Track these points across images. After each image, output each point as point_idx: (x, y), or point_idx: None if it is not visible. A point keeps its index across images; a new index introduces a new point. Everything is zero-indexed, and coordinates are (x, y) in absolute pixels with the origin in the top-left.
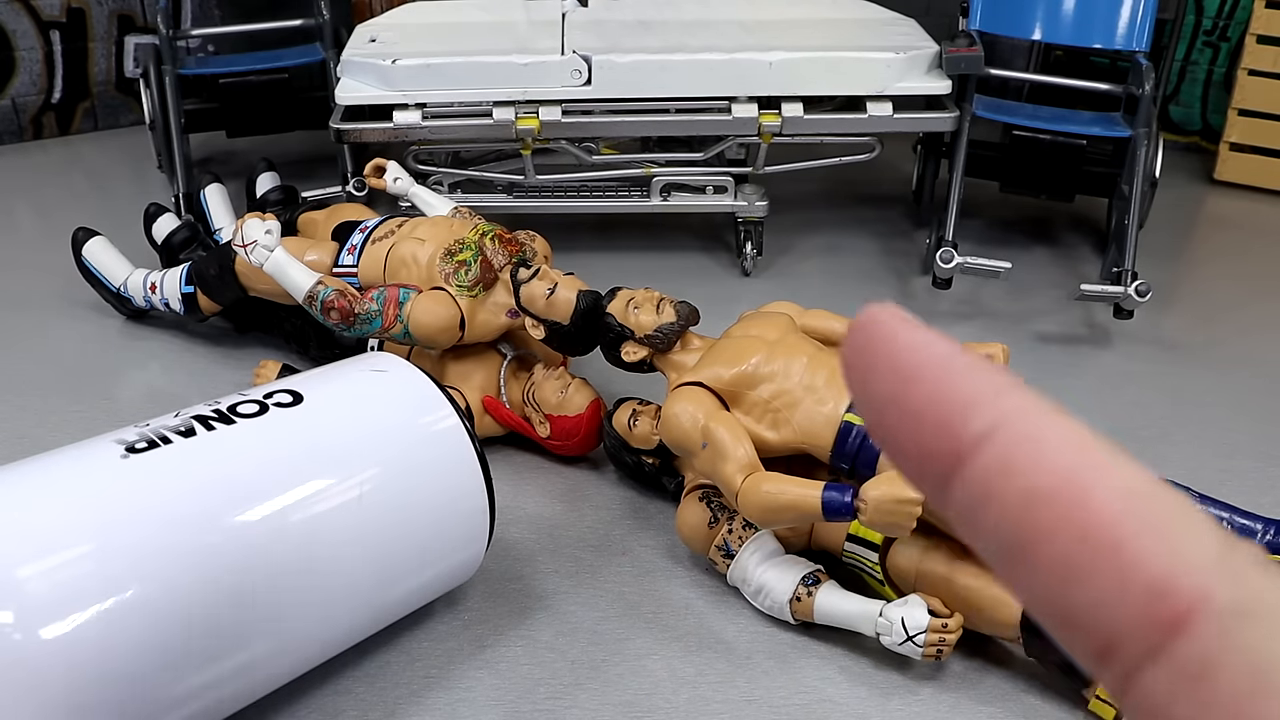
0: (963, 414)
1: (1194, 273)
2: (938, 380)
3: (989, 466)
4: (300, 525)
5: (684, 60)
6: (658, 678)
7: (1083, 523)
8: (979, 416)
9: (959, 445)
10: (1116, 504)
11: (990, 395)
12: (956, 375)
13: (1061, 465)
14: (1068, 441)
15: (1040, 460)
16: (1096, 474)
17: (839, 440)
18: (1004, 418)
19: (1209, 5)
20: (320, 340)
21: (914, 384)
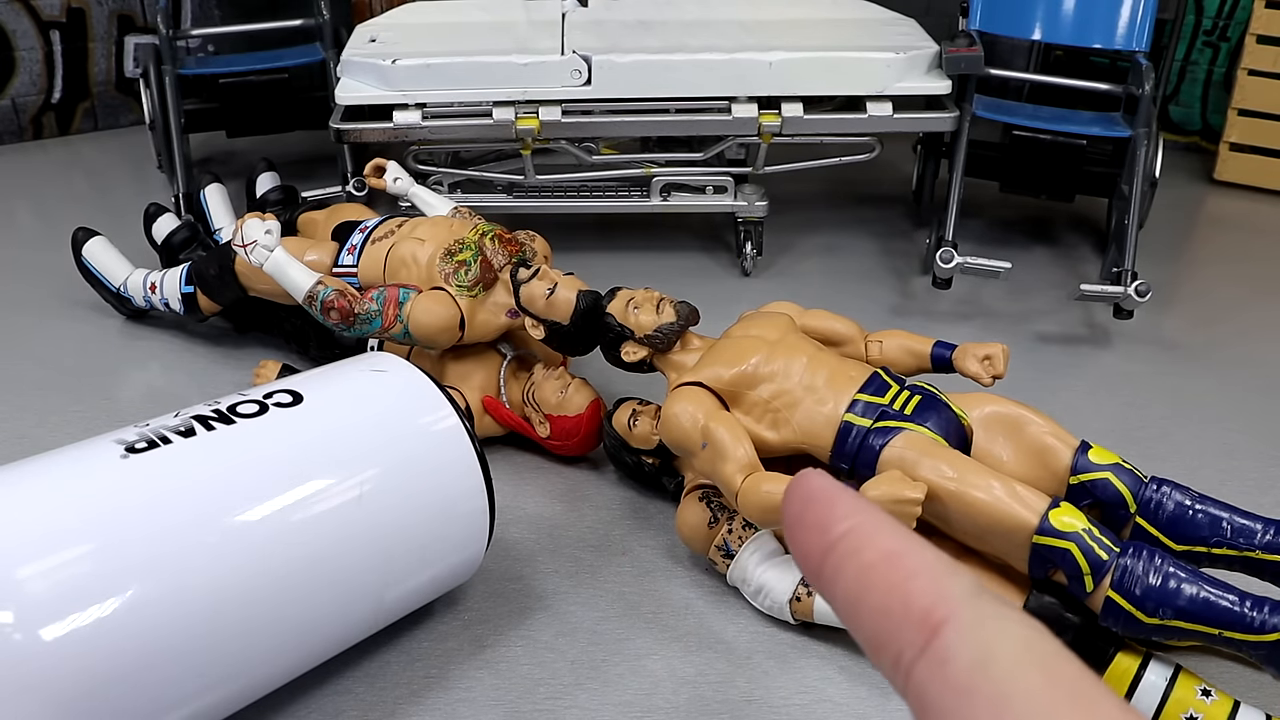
0: (831, 523)
1: (1194, 273)
2: (822, 504)
3: (842, 552)
4: (300, 525)
5: (684, 60)
6: (658, 678)
7: (888, 579)
8: (840, 524)
9: (828, 541)
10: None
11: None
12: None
13: (880, 548)
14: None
15: (870, 546)
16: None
17: (839, 440)
18: (854, 525)
19: (1209, 5)
20: (320, 340)
21: (809, 506)
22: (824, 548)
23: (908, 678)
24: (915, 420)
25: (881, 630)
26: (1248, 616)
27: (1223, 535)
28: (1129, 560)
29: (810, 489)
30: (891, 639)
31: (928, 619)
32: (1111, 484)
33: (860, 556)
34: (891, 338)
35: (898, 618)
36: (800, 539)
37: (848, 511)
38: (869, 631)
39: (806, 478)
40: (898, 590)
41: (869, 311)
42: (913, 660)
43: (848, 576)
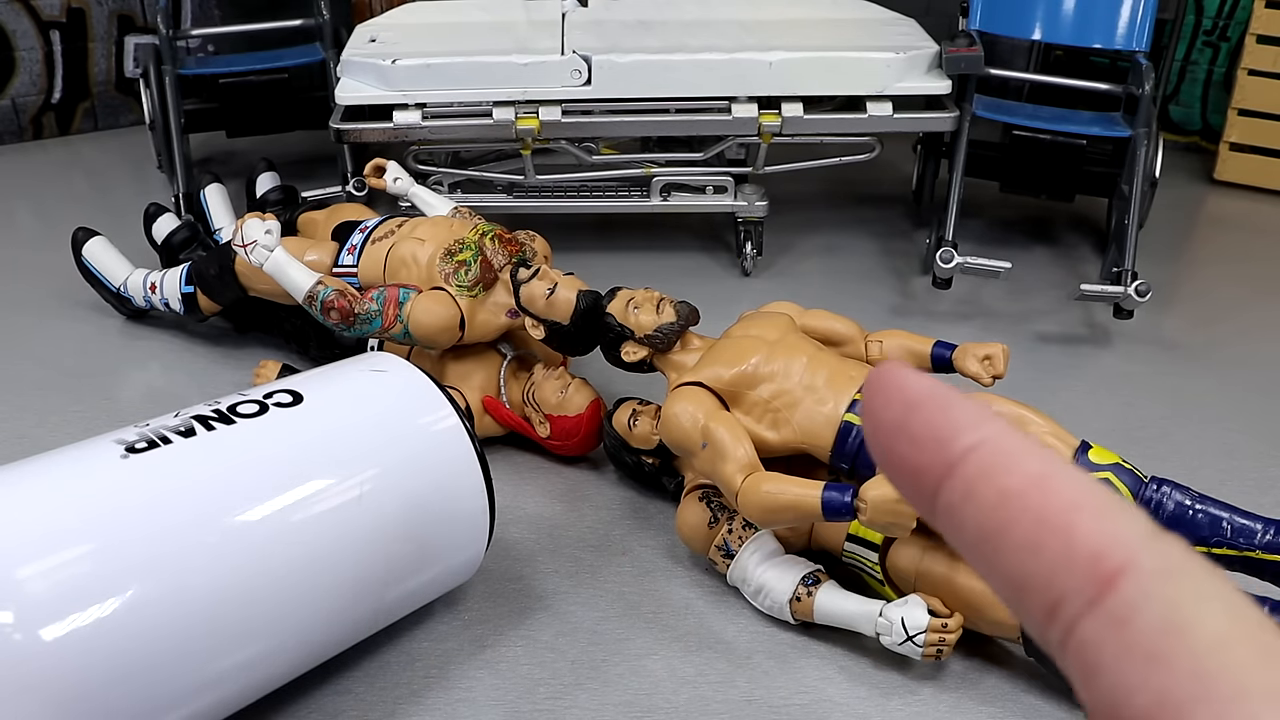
0: (953, 434)
1: (1194, 273)
2: (935, 410)
3: (972, 472)
4: (300, 525)
5: (684, 60)
6: (658, 678)
7: (1042, 510)
8: (966, 436)
9: (950, 457)
10: (1068, 497)
11: (975, 421)
12: (950, 407)
13: (1027, 471)
14: (1032, 455)
15: (1011, 467)
16: (1054, 478)
17: (839, 440)
18: (985, 438)
19: (1209, 5)
20: (320, 340)
21: (916, 411)
22: (945, 464)
23: (1068, 632)
24: None
25: (1031, 573)
26: None
27: (1223, 535)
28: None
29: (915, 389)
30: (1046, 584)
31: (1099, 565)
32: (1111, 484)
33: (999, 479)
34: (891, 338)
35: (1056, 559)
36: (904, 453)
37: (974, 420)
38: (1013, 572)
39: (898, 376)
40: (1056, 524)
41: (869, 311)
42: (1079, 614)
43: (982, 504)
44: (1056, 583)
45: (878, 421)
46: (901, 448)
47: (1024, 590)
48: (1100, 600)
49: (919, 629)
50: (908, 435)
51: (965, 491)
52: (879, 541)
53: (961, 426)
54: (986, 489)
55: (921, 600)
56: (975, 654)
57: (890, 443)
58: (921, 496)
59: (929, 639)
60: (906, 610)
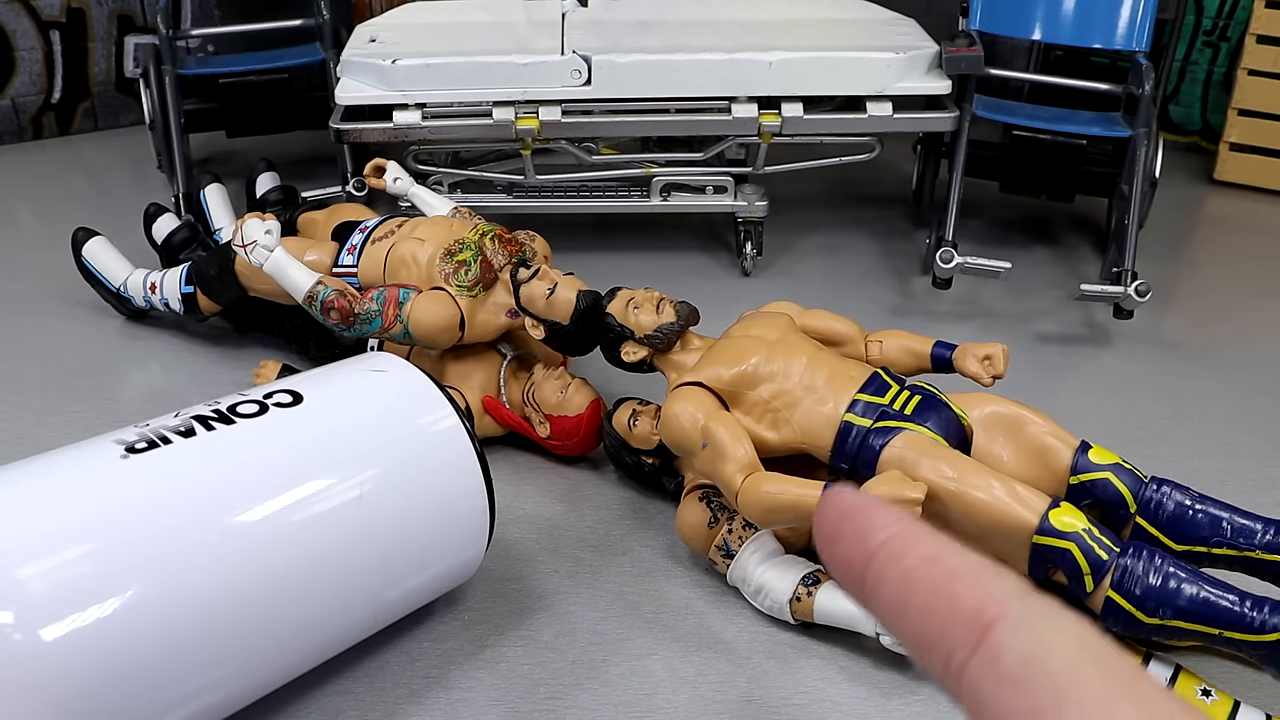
0: (871, 532)
1: (1194, 273)
2: (860, 516)
3: (883, 559)
4: (300, 525)
5: (684, 60)
6: (658, 678)
7: (932, 581)
8: (880, 533)
9: (868, 550)
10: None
11: (888, 521)
12: (871, 512)
13: (921, 553)
14: (927, 541)
15: (910, 551)
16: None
17: (839, 440)
18: (893, 533)
19: (1209, 5)
20: (320, 340)
21: (847, 519)
22: (865, 556)
23: (960, 677)
24: (915, 420)
25: (929, 631)
26: (1248, 616)
27: (1223, 535)
28: (1129, 560)
29: (845, 503)
30: (941, 640)
31: (978, 618)
32: (1111, 484)
33: (902, 561)
34: (891, 338)
35: (945, 618)
36: (839, 551)
37: (886, 521)
38: (916, 634)
39: (838, 494)
40: (943, 591)
41: (869, 311)
42: (965, 659)
43: (891, 581)
44: (948, 637)
45: (822, 531)
46: (837, 549)
47: (926, 647)
48: (979, 645)
49: None
50: (840, 538)
51: (879, 574)
52: None
53: (877, 526)
54: (893, 570)
55: None
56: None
57: (830, 546)
58: (853, 583)
59: None
60: None
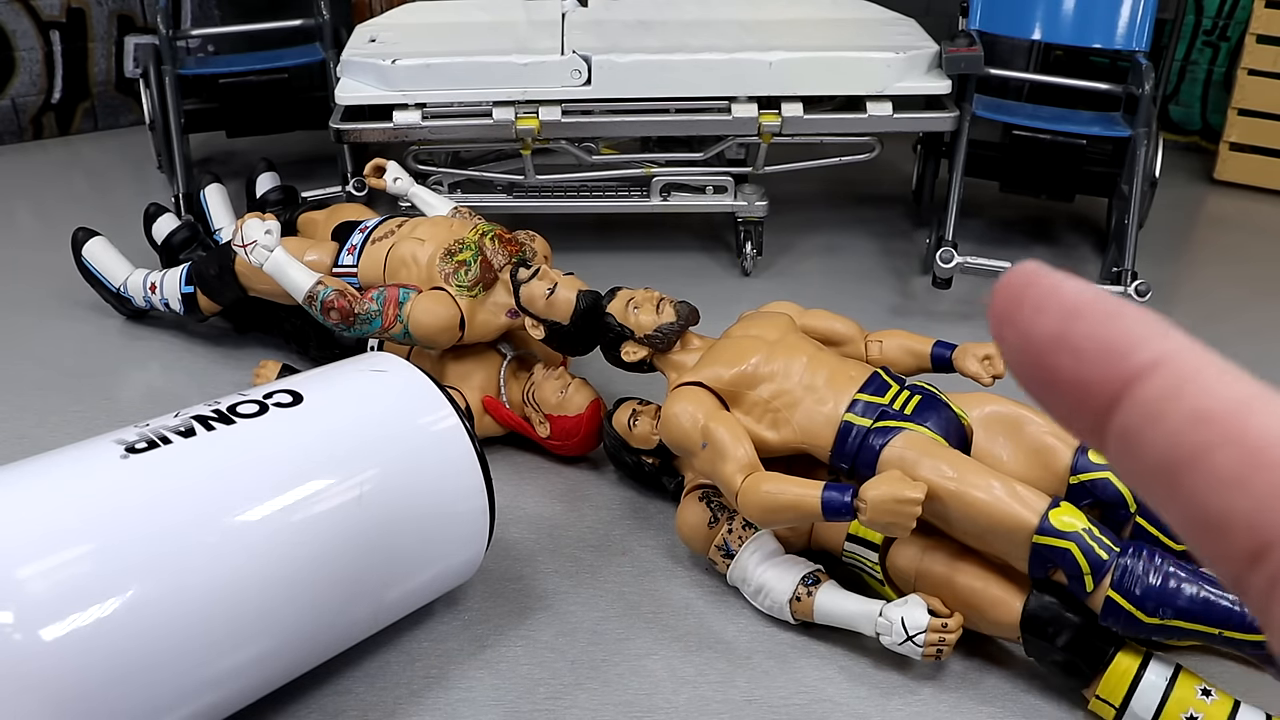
0: (1128, 347)
1: (1194, 273)
2: (1103, 318)
3: (1159, 391)
4: (300, 525)
5: (684, 60)
6: (658, 678)
7: (1248, 440)
8: (1145, 349)
9: (1125, 373)
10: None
11: (1154, 334)
12: (1120, 315)
13: (1227, 394)
14: (1229, 375)
15: (1206, 387)
16: (1259, 402)
17: (839, 440)
18: (1169, 352)
19: (1209, 5)
20: (320, 340)
21: (1078, 320)
22: (1121, 381)
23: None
24: (915, 420)
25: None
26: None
27: None
28: (1129, 560)
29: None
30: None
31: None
32: (1111, 483)
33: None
34: (891, 338)
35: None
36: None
37: (1153, 332)
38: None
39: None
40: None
41: (869, 311)
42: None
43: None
44: (1267, 525)
45: (1026, 332)
46: (1063, 362)
47: (1220, 530)
48: None
49: (919, 629)
50: (1070, 347)
51: (1148, 413)
52: (879, 541)
53: (1139, 339)
54: (1177, 411)
55: (921, 600)
56: (975, 654)
57: (1046, 357)
58: (1087, 418)
59: (929, 639)
60: (906, 610)
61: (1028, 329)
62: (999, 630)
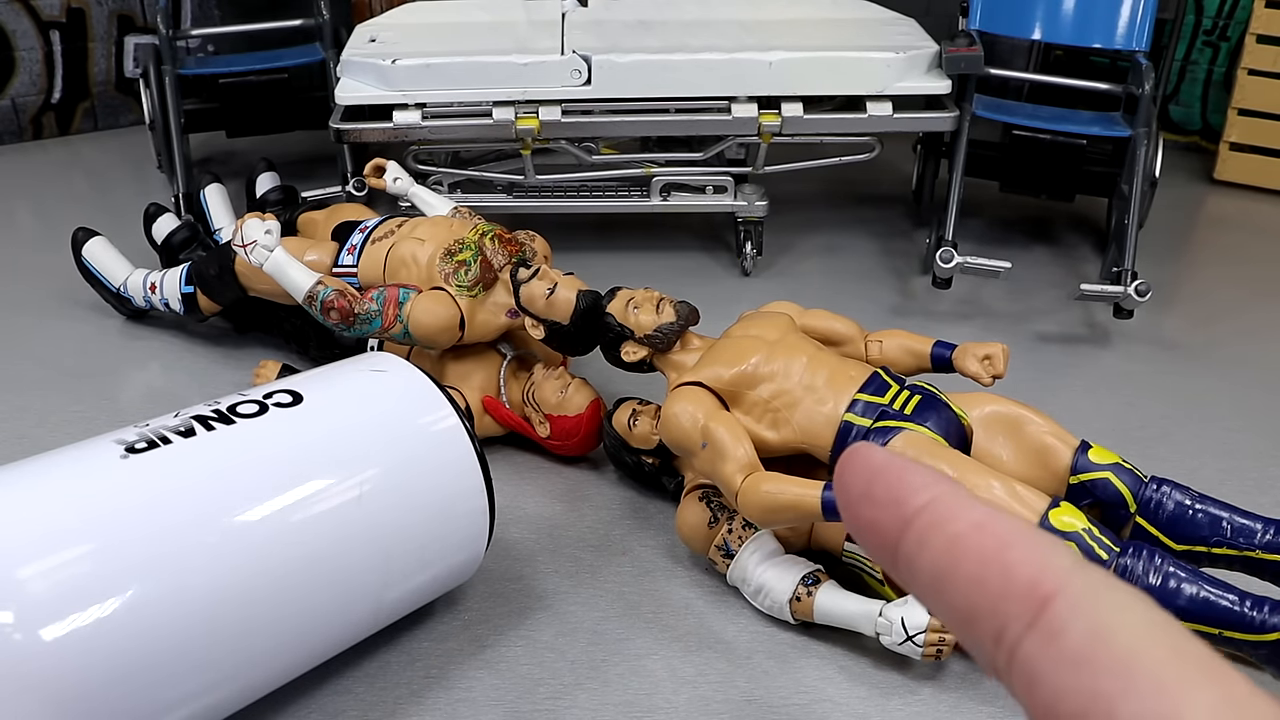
0: (908, 495)
1: (1194, 273)
2: (893, 476)
3: (924, 525)
4: (300, 525)
5: (684, 60)
6: (658, 678)
7: (983, 550)
8: (919, 496)
9: (906, 514)
10: (1005, 536)
11: (927, 483)
12: (905, 473)
13: (970, 519)
14: (974, 506)
15: (956, 516)
16: (993, 522)
17: (839, 440)
18: (934, 496)
19: (1209, 5)
20: (320, 340)
21: (877, 479)
22: (901, 521)
23: (1013, 655)
24: (915, 420)
25: (978, 605)
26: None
27: (1223, 535)
28: (1129, 560)
29: (875, 462)
30: (991, 614)
31: (1034, 590)
32: (1111, 484)
33: (946, 528)
34: (891, 337)
35: (996, 591)
36: (869, 515)
37: (924, 482)
38: (962, 607)
39: (863, 452)
40: (995, 561)
41: (869, 311)
42: (1020, 634)
43: (933, 549)
44: (1000, 610)
45: (846, 490)
46: (866, 511)
47: (972, 621)
48: (1036, 621)
49: (919, 629)
50: (870, 499)
51: (919, 541)
52: None
53: (915, 488)
54: (937, 537)
55: None
56: None
57: (857, 508)
58: (884, 550)
59: (929, 639)
60: (906, 610)
61: (847, 489)
62: None
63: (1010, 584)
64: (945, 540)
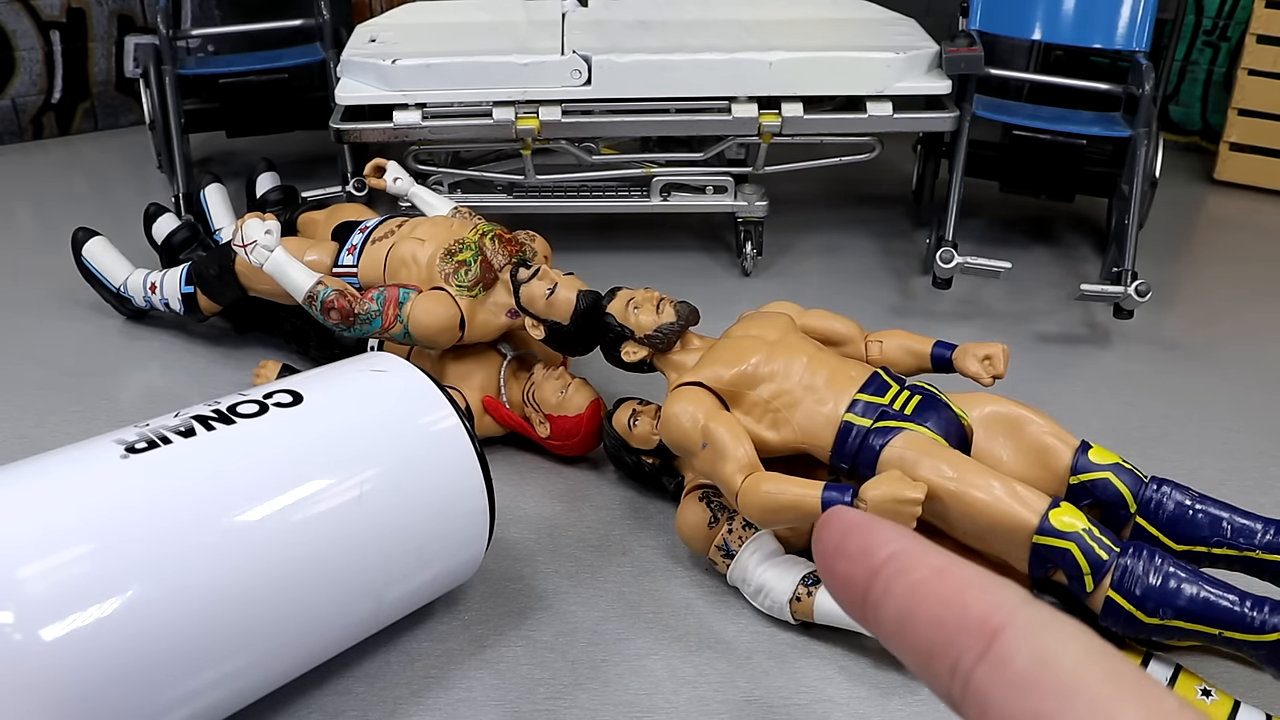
0: (876, 548)
1: (1194, 273)
2: (864, 532)
3: (889, 573)
4: (300, 525)
5: (684, 60)
6: (658, 678)
7: (941, 592)
8: (885, 549)
9: (873, 565)
10: (961, 580)
11: (893, 537)
12: (875, 529)
13: (930, 565)
14: (934, 554)
15: (918, 564)
16: (950, 568)
17: (839, 440)
18: (899, 548)
19: (1209, 5)
20: (320, 340)
21: (850, 535)
22: (869, 571)
23: (966, 684)
24: (915, 420)
25: (936, 642)
26: (1248, 616)
27: (1223, 535)
28: (1129, 560)
29: (848, 520)
30: (948, 649)
31: (985, 625)
32: (1111, 484)
33: (909, 575)
34: (891, 338)
35: (953, 627)
36: (842, 568)
37: (891, 537)
38: (922, 645)
39: (839, 512)
40: (952, 602)
41: (869, 311)
42: (972, 665)
43: (897, 595)
44: (956, 645)
45: (823, 547)
46: (839, 565)
47: (931, 658)
48: (987, 651)
49: None
50: (843, 554)
51: (885, 588)
52: None
53: (882, 542)
54: (901, 583)
55: None
56: None
57: (831, 562)
58: (855, 600)
59: None
60: None
61: (822, 545)
62: None
63: (965, 619)
64: (908, 586)
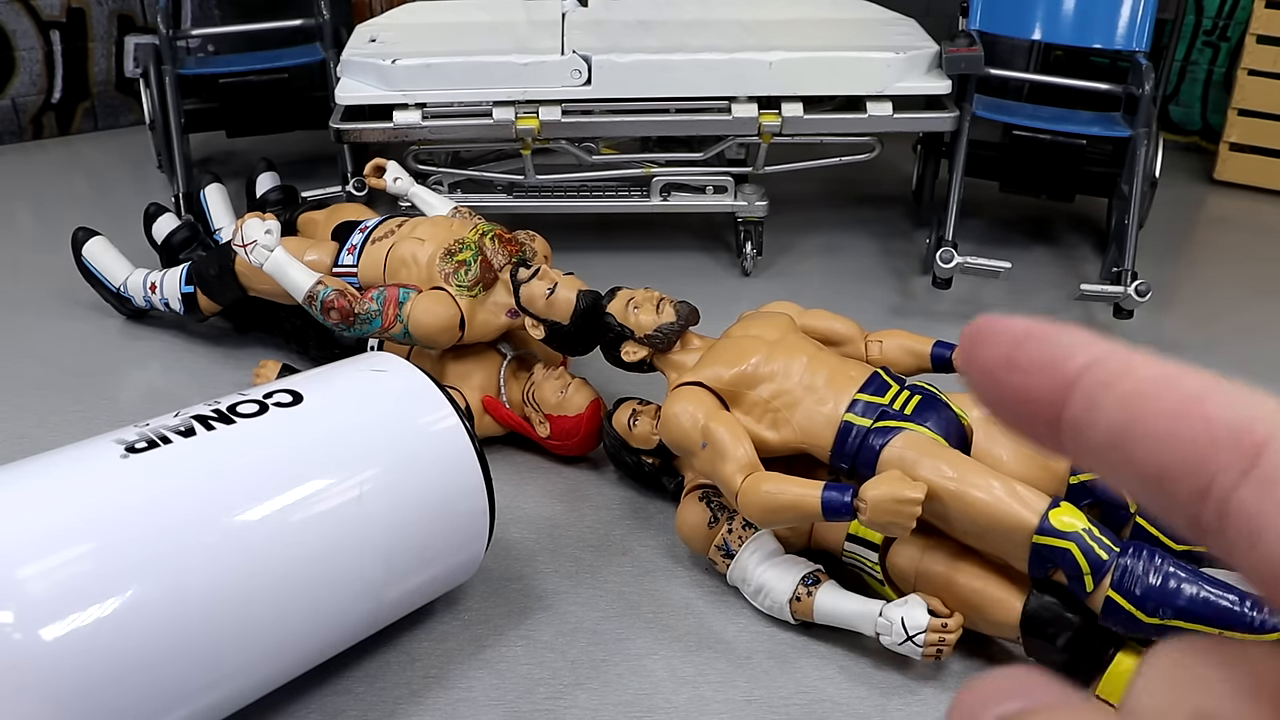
0: (1064, 357)
1: (1194, 273)
2: (1041, 341)
3: (1092, 385)
4: (300, 525)
5: (684, 60)
6: (658, 678)
7: (1172, 402)
8: (1078, 357)
9: (1066, 378)
10: (1194, 388)
11: (1085, 343)
12: (1055, 334)
13: (1148, 374)
14: (1148, 360)
15: (1130, 373)
16: (1175, 374)
17: (839, 440)
18: (1098, 355)
19: (1209, 5)
20: (320, 340)
21: (1021, 346)
22: (1062, 384)
23: (1224, 507)
24: (915, 420)
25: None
26: (1248, 616)
27: None
28: (1129, 560)
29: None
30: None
31: (1243, 439)
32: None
33: (1119, 385)
34: (891, 338)
35: (1195, 443)
36: (1018, 383)
37: (1082, 342)
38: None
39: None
40: (1189, 413)
41: (869, 311)
42: (1233, 485)
43: (1108, 410)
44: (1203, 463)
45: (982, 364)
46: (1015, 379)
47: (1167, 481)
48: (1252, 468)
49: (919, 629)
50: (1018, 368)
51: (1088, 403)
52: (879, 541)
53: (1072, 349)
54: (1110, 396)
55: (921, 600)
56: (975, 654)
57: (1001, 379)
58: (1040, 422)
59: (929, 639)
60: (906, 610)
61: (983, 361)
62: (999, 630)
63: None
64: (1121, 398)
